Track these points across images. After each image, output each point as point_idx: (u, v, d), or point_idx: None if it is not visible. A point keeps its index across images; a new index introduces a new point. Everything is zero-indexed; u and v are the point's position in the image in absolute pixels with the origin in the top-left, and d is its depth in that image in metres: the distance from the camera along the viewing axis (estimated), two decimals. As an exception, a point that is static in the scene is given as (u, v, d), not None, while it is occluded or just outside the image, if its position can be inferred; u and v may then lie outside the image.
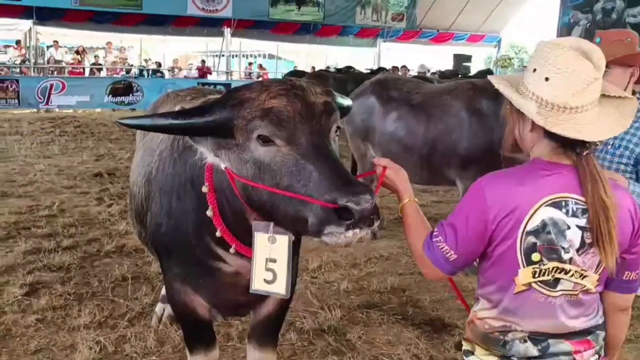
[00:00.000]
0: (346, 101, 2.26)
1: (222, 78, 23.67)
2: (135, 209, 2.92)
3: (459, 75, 16.33)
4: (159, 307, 4.10)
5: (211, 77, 23.19)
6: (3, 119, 15.59)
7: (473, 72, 22.92)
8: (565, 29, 24.09)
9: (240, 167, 1.94)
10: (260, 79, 23.76)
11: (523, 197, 1.79)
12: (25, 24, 20.37)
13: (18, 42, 21.39)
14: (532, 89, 1.81)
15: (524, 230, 1.79)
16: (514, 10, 28.40)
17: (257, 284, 2.05)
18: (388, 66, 20.38)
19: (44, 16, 20.08)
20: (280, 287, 2.02)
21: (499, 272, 1.87)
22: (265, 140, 1.87)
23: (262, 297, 2.59)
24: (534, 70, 1.82)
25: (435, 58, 28.95)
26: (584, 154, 1.78)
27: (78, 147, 11.60)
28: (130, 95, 20.04)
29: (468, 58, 25.77)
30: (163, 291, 4.13)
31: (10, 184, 8.03)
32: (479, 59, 31.00)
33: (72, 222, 6.34)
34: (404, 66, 20.35)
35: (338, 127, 2.02)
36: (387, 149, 5.86)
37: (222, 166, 2.00)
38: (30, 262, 5.11)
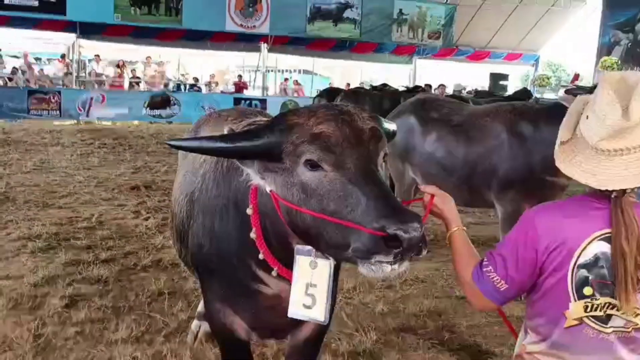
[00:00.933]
0: (392, 126, 2.25)
1: (258, 93, 23.91)
2: (176, 228, 2.95)
3: (494, 95, 16.13)
4: (195, 324, 4.12)
5: (247, 92, 23.44)
6: (45, 130, 16.00)
7: (510, 90, 22.69)
8: (605, 49, 23.77)
9: (286, 190, 1.94)
10: (295, 95, 23.98)
11: (574, 230, 1.76)
12: (69, 38, 20.93)
13: (63, 55, 21.94)
14: (580, 123, 1.80)
15: (575, 263, 1.76)
16: (553, 28, 28.10)
17: (296, 308, 2.05)
18: (424, 83, 20.24)
19: (87, 30, 20.63)
20: (319, 313, 2.01)
21: (549, 304, 1.83)
22: (312, 165, 1.87)
23: (300, 321, 2.58)
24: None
25: (471, 76, 28.78)
26: (613, 196, 1.74)
27: (116, 159, 11.82)
28: (168, 108, 20.38)
29: (505, 77, 25.52)
30: (199, 308, 4.16)
31: (51, 195, 8.21)
32: (516, 77, 30.72)
33: (110, 234, 6.44)
34: (441, 85, 20.22)
35: (385, 154, 2.01)
36: (426, 169, 5.83)
37: (267, 189, 2.01)
38: (70, 274, 5.19)
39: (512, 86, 26.19)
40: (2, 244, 5.95)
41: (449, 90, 21.27)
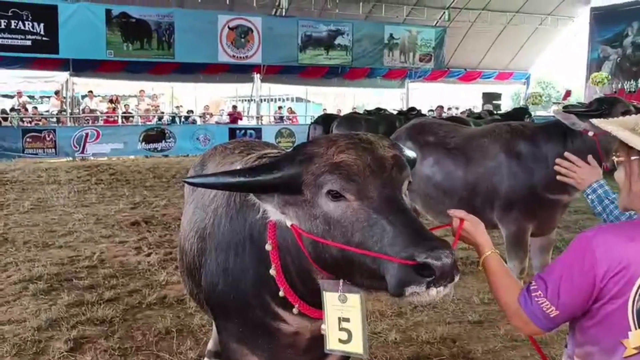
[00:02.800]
0: (412, 154, 2.20)
1: (253, 122, 23.98)
2: (187, 266, 2.87)
3: (479, 115, 16.18)
4: (205, 362, 4.02)
5: (242, 122, 23.48)
6: (41, 169, 15.92)
7: (504, 109, 22.83)
8: (595, 64, 24.04)
9: (309, 223, 1.88)
10: (289, 122, 24.04)
11: (636, 255, 1.68)
12: (63, 75, 20.98)
13: (57, 92, 21.99)
14: None
15: (637, 291, 1.67)
16: (542, 46, 28.50)
17: (332, 344, 1.97)
18: (417, 106, 20.34)
19: (80, 67, 20.71)
20: (357, 347, 1.93)
21: (605, 332, 1.74)
22: (335, 196, 1.81)
23: (320, 357, 2.49)
24: None
25: (464, 97, 28.97)
26: None
27: (114, 195, 11.73)
28: (163, 141, 20.34)
29: (498, 96, 25.72)
30: (209, 346, 4.06)
31: (50, 234, 8.11)
32: (507, 96, 30.96)
33: (113, 272, 6.33)
34: (439, 106, 20.39)
35: (409, 182, 1.96)
36: (425, 193, 5.78)
37: (288, 223, 1.94)
38: (74, 315, 5.08)
39: (505, 105, 26.39)
40: (2, 287, 5.83)
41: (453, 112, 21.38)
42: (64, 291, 5.66)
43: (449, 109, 23.94)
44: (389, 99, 27.61)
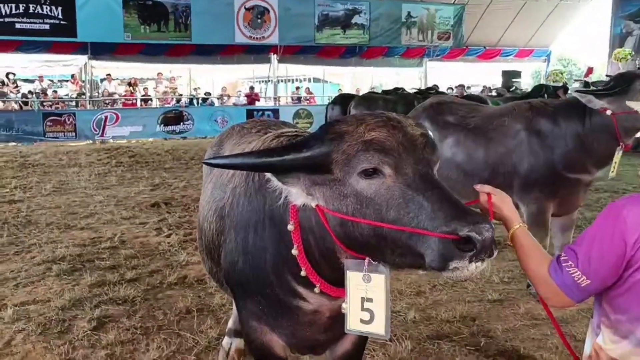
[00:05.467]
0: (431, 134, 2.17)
1: (270, 104, 23.95)
2: (206, 245, 2.88)
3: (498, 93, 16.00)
4: (225, 341, 4.05)
5: (259, 104, 23.48)
6: (62, 152, 16.11)
7: (524, 87, 22.55)
8: (617, 40, 23.55)
9: (337, 203, 1.85)
10: (307, 103, 23.97)
11: None
12: (81, 59, 21.08)
13: (73, 76, 22.13)
14: None
15: None
16: (564, 22, 27.92)
17: (353, 324, 1.96)
18: (438, 85, 20.16)
19: (98, 51, 20.76)
20: (379, 328, 1.92)
21: (634, 300, 1.73)
22: (368, 173, 1.79)
23: (339, 336, 2.50)
24: None
25: (483, 75, 28.63)
26: None
27: (134, 177, 11.84)
28: (181, 124, 20.45)
29: (517, 74, 25.35)
30: (229, 324, 4.10)
31: (72, 216, 8.22)
32: (527, 74, 30.52)
33: (134, 253, 6.40)
34: (460, 85, 20.17)
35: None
36: (444, 174, 5.73)
37: (313, 204, 1.92)
38: (96, 295, 5.16)
39: (525, 83, 26.02)
40: (27, 268, 5.93)
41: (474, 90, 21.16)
42: (87, 272, 5.74)
43: (468, 87, 23.66)
44: (407, 78, 27.33)
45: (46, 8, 19.48)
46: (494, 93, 18.81)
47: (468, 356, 4.06)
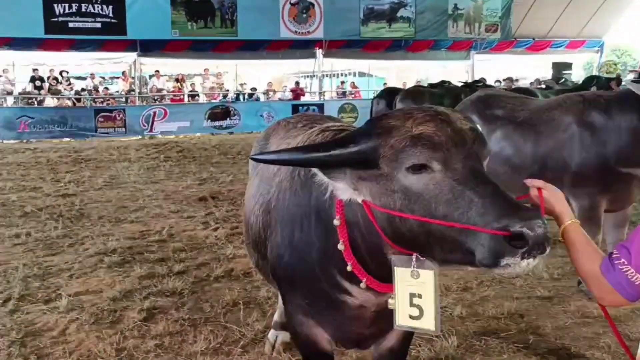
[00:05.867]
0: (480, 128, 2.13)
1: (315, 98, 23.99)
2: (252, 239, 2.91)
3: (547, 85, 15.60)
4: (271, 334, 4.09)
5: (304, 98, 23.55)
6: (112, 147, 16.53)
7: (575, 79, 21.93)
8: (675, 29, 22.63)
9: (385, 198, 1.83)
10: (352, 97, 23.92)
11: None
12: (131, 56, 21.59)
13: (124, 73, 22.66)
14: None
15: None
16: (617, 12, 26.99)
17: (402, 320, 1.95)
18: (485, 78, 19.80)
19: (147, 48, 21.22)
20: (429, 323, 1.90)
21: None
22: (416, 168, 1.77)
23: (385, 330, 2.49)
24: None
25: (532, 67, 27.98)
26: None
27: (182, 171, 12.06)
28: (228, 119, 20.71)
29: (568, 66, 24.69)
30: (275, 317, 4.14)
31: (122, 210, 8.43)
32: (579, 65, 29.65)
33: (182, 246, 6.52)
34: (508, 78, 19.76)
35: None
36: (492, 169, 5.62)
37: (359, 199, 1.91)
38: (146, 287, 5.27)
39: (576, 75, 25.30)
40: (80, 259, 6.12)
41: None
42: (137, 264, 5.88)
43: (516, 80, 23.16)
44: (453, 71, 26.91)
45: (97, 7, 20.04)
46: (542, 86, 18.36)
47: (516, 353, 3.98)
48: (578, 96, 5.48)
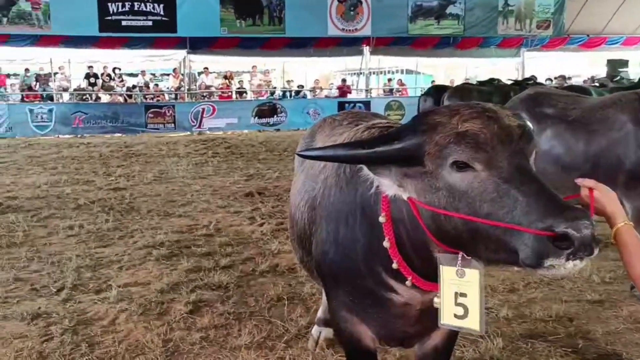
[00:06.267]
0: (531, 125, 2.08)
1: (362, 96, 23.92)
2: (297, 234, 2.93)
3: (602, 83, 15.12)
4: (315, 329, 4.11)
5: (351, 96, 23.51)
6: (162, 142, 16.88)
7: (633, 76, 21.18)
8: None
9: (430, 196, 1.82)
10: (399, 95, 23.76)
11: None
12: (180, 53, 21.99)
13: (175, 70, 23.10)
14: None
15: None
16: (678, 6, 25.89)
17: (447, 319, 1.94)
18: (535, 76, 19.35)
19: (196, 45, 21.56)
20: (473, 323, 1.88)
21: None
22: (461, 166, 1.75)
23: (429, 329, 2.48)
24: None
25: (585, 65, 27.20)
26: None
27: (229, 167, 12.22)
28: (275, 116, 20.87)
29: (624, 63, 23.82)
30: (319, 313, 4.16)
31: (171, 204, 8.61)
32: (636, 63, 28.63)
33: (228, 241, 6.62)
34: (560, 76, 19.24)
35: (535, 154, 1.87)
36: (541, 168, 5.50)
37: (405, 196, 1.91)
38: (192, 280, 5.37)
39: (633, 73, 24.44)
40: (130, 251, 6.28)
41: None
42: (184, 257, 5.99)
43: (569, 78, 22.55)
44: (503, 69, 26.38)
45: (149, 5, 20.44)
46: (596, 84, 17.82)
47: (564, 358, 3.89)
48: (634, 94, 5.32)
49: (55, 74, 21.32)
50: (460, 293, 1.89)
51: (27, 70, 21.46)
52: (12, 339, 4.24)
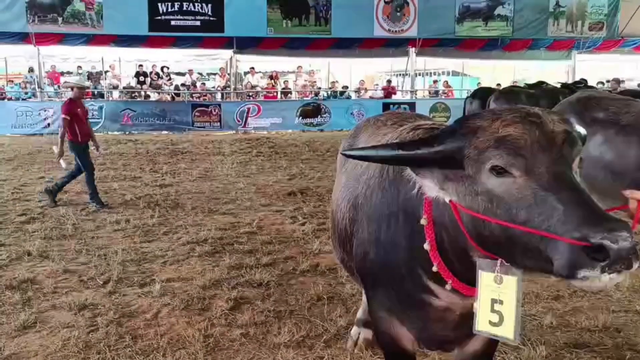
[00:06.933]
0: (582, 130, 2.02)
1: (407, 97, 23.75)
2: (338, 234, 2.93)
3: None
4: (354, 330, 4.10)
5: (395, 97, 23.36)
6: (208, 141, 17.13)
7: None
8: None
9: (469, 200, 1.81)
10: (444, 96, 23.49)
11: None
12: (227, 53, 22.27)
13: (221, 69, 23.40)
14: None
15: None
16: None
17: (482, 326, 1.91)
18: (586, 79, 18.83)
19: (243, 45, 21.80)
20: (508, 331, 1.85)
21: None
22: (499, 171, 1.73)
23: (470, 334, 2.43)
24: None
25: (639, 69, 26.34)
26: None
27: (273, 166, 12.31)
28: (319, 116, 20.92)
29: (680, 66, 23.01)
30: (358, 314, 4.15)
31: (215, 202, 8.73)
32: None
33: (270, 239, 6.67)
34: (614, 79, 18.65)
35: (581, 159, 1.82)
36: (590, 175, 5.35)
37: (447, 199, 1.89)
38: (234, 277, 5.44)
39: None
40: (174, 247, 6.40)
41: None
42: (226, 254, 6.07)
43: (622, 81, 21.86)
44: (553, 72, 25.76)
45: (198, 5, 20.80)
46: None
47: (610, 369, 3.79)
48: (691, 98, 5.14)
49: (106, 72, 21.88)
50: (498, 300, 1.86)
51: (79, 68, 22.08)
52: (61, 328, 4.38)
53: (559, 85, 16.15)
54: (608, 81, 20.80)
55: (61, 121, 8.71)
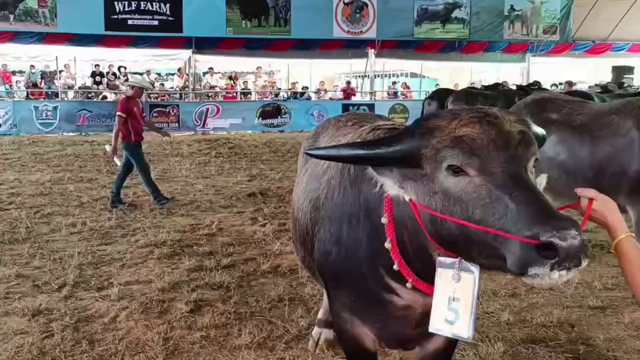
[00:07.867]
0: (540, 130, 2.05)
1: (366, 98, 23.90)
2: (300, 234, 2.92)
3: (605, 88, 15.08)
4: (315, 331, 4.11)
5: (355, 98, 23.49)
6: (166, 142, 16.83)
7: (637, 83, 21.15)
8: None
9: (427, 198, 1.83)
10: (403, 98, 23.74)
11: None
12: (186, 53, 22.02)
13: (179, 70, 23.13)
14: None
15: None
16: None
17: (437, 324, 1.93)
18: (540, 81, 19.29)
19: (202, 45, 21.59)
20: (462, 329, 1.87)
21: None
22: (456, 171, 1.75)
23: (431, 332, 2.47)
24: None
25: (591, 71, 27.13)
26: None
27: (232, 167, 12.22)
28: (279, 117, 20.86)
29: (629, 70, 23.78)
30: (319, 315, 4.15)
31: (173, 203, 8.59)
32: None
33: (230, 241, 6.62)
34: (567, 82, 19.16)
35: (536, 159, 1.86)
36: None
37: (407, 198, 1.91)
38: (194, 279, 5.38)
39: (638, 80, 24.39)
40: (132, 250, 6.29)
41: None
42: (185, 256, 6.00)
43: (574, 84, 22.47)
44: (508, 74, 26.34)
45: (155, 5, 20.52)
46: (599, 90, 17.76)
47: (565, 363, 3.89)
48: (639, 101, 5.31)
49: (60, 71, 21.35)
50: (454, 297, 1.88)
51: (32, 67, 21.48)
52: (13, 334, 4.25)
53: (514, 87, 16.53)
54: (561, 83, 21.34)
55: (116, 119, 8.65)
